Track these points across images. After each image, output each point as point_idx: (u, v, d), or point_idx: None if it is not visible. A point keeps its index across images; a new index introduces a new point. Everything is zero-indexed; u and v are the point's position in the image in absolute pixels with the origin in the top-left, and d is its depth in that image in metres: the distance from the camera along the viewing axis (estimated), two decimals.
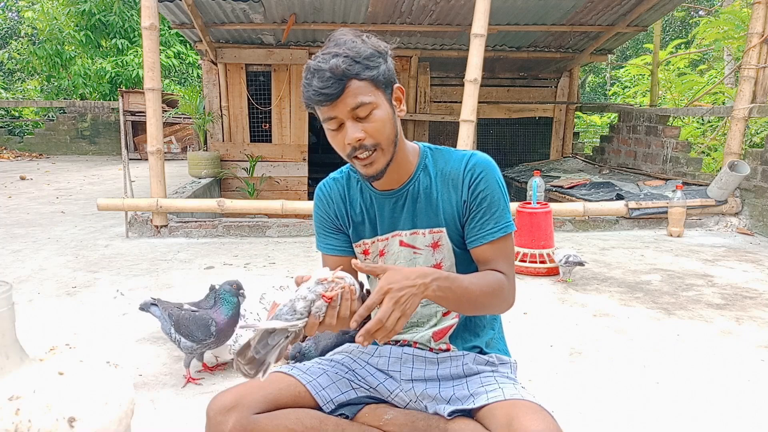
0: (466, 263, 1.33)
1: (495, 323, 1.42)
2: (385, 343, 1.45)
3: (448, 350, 1.37)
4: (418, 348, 1.39)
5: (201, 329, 2.08)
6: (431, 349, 1.37)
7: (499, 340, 1.42)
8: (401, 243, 1.34)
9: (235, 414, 1.19)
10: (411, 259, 1.35)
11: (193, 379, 2.17)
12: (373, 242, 1.38)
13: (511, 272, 1.30)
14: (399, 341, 1.43)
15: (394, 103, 1.25)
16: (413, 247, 1.34)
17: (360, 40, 1.19)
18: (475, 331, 1.37)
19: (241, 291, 2.17)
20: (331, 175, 1.43)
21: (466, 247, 1.32)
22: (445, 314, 1.37)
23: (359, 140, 1.19)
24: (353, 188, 1.38)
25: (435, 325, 1.38)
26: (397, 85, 1.25)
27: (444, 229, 1.31)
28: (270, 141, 7.80)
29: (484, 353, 1.37)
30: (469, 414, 1.22)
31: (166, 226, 4.74)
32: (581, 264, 3.42)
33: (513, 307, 1.33)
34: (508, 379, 1.32)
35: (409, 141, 1.35)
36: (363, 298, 1.16)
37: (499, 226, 1.28)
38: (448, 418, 1.23)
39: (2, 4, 16.12)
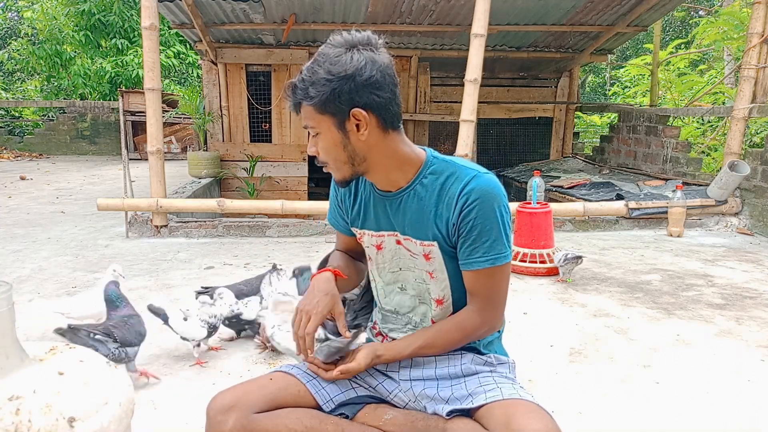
0: (458, 274, 1.32)
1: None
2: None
3: None
4: None
5: (142, 327, 2.15)
6: None
7: (497, 340, 1.42)
8: (398, 242, 1.35)
9: (235, 413, 1.19)
10: (406, 257, 1.35)
11: (151, 374, 2.17)
12: (363, 234, 1.40)
13: (494, 303, 1.30)
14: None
15: (350, 127, 1.20)
16: (410, 251, 1.34)
17: (327, 57, 1.18)
18: None
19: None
20: None
21: (454, 256, 1.31)
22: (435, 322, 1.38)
23: (312, 154, 1.29)
24: (361, 179, 1.39)
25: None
26: (356, 109, 1.18)
27: (435, 243, 1.29)
28: (270, 141, 7.80)
29: (482, 354, 1.37)
30: (468, 414, 1.22)
31: (166, 226, 4.74)
32: (579, 258, 3.41)
33: (502, 325, 1.38)
34: (506, 379, 1.32)
35: (416, 146, 1.32)
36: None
37: (488, 257, 1.25)
38: (447, 417, 1.23)
39: (2, 4, 16.11)
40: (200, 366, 2.31)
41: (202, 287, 2.80)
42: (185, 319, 2.28)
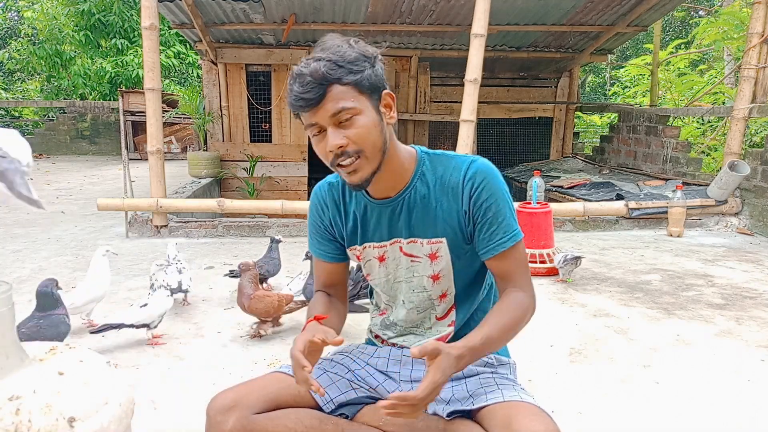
0: (463, 271, 1.32)
1: None
2: (385, 345, 1.44)
3: None
4: None
5: (60, 326, 2.14)
6: None
7: None
8: (401, 249, 1.32)
9: (235, 414, 1.19)
10: (409, 267, 1.33)
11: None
12: (364, 248, 1.35)
13: (527, 279, 1.28)
14: (396, 344, 1.42)
15: (383, 110, 1.20)
16: (411, 256, 1.32)
17: (347, 44, 1.16)
18: None
19: (59, 289, 2.23)
20: (328, 178, 1.40)
21: (466, 254, 1.29)
22: (439, 318, 1.37)
23: (341, 147, 1.15)
24: (348, 194, 1.35)
25: (429, 328, 1.38)
26: (386, 91, 1.20)
27: (444, 239, 1.28)
28: (270, 141, 7.80)
29: None
30: (468, 415, 1.22)
31: (166, 226, 4.73)
32: (578, 258, 3.41)
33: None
34: (507, 380, 1.32)
35: (405, 145, 1.31)
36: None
37: (508, 236, 1.23)
38: (447, 419, 1.22)
39: (2, 4, 16.11)
40: (201, 366, 2.31)
41: None
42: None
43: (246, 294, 2.46)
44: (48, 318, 2.13)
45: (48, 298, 2.16)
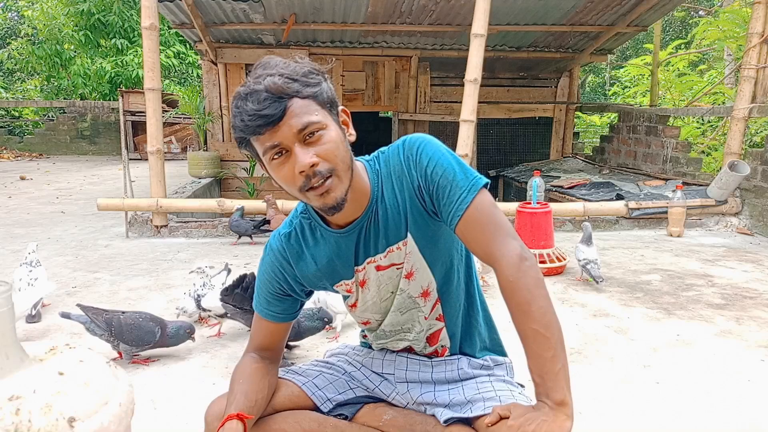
0: (438, 258, 1.24)
1: (488, 324, 1.40)
2: (381, 348, 1.42)
3: (443, 354, 1.35)
4: (413, 353, 1.37)
5: (147, 335, 2.23)
6: (426, 354, 1.35)
7: (494, 339, 1.41)
8: (378, 268, 1.23)
9: None
10: (393, 278, 1.24)
11: (143, 361, 2.35)
12: (348, 280, 1.27)
13: (504, 230, 1.10)
14: (388, 348, 1.40)
15: (342, 126, 1.12)
16: (393, 265, 1.23)
17: (293, 61, 1.08)
18: (469, 332, 1.35)
19: (192, 336, 2.36)
20: (282, 230, 1.29)
21: (432, 236, 1.20)
22: (426, 318, 1.30)
23: (313, 165, 1.04)
24: (310, 239, 1.25)
25: (420, 331, 1.32)
26: (341, 107, 1.13)
27: (408, 235, 1.19)
28: None
29: (477, 357, 1.34)
30: (466, 421, 1.20)
31: (166, 226, 4.74)
32: (596, 281, 3.33)
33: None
34: (504, 383, 1.30)
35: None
36: None
37: (465, 188, 1.10)
38: (445, 425, 1.20)
39: (2, 4, 16.11)
40: (201, 366, 2.31)
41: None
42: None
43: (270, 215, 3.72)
44: (142, 321, 2.25)
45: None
